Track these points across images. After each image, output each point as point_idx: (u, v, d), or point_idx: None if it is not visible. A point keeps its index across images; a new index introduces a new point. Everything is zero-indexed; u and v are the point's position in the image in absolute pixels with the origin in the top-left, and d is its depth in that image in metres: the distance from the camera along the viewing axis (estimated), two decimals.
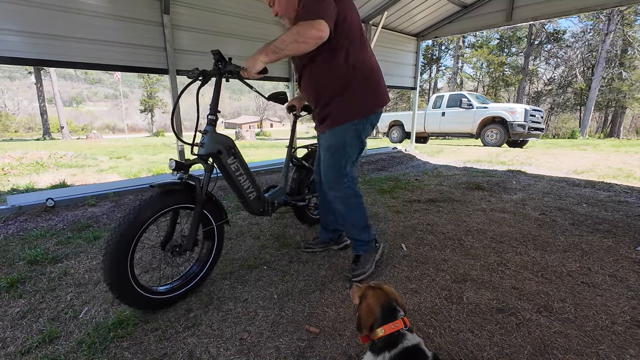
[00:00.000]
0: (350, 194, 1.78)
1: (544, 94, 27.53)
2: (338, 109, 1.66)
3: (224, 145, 1.65)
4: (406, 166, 5.92)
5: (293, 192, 2.36)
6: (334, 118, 1.68)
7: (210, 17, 3.77)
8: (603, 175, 4.66)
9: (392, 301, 1.03)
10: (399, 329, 0.95)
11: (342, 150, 1.71)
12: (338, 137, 1.70)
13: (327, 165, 1.77)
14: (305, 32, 1.38)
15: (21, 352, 1.27)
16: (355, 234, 1.87)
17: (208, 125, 1.59)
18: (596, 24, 20.35)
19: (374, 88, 1.70)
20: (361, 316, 1.02)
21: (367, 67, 1.65)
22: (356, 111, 1.66)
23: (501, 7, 5.69)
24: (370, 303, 1.02)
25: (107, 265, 1.34)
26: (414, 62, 7.09)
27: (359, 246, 1.89)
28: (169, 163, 1.52)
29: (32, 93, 36.94)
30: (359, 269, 1.82)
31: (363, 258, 1.87)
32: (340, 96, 1.64)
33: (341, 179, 1.75)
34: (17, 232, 2.45)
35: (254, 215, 1.99)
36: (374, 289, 1.06)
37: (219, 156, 1.63)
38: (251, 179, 1.85)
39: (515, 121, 8.68)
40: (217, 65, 1.55)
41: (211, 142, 1.59)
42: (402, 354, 0.91)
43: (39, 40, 2.83)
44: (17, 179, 5.16)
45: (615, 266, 1.94)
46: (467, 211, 3.05)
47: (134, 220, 1.37)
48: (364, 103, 1.67)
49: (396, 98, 34.62)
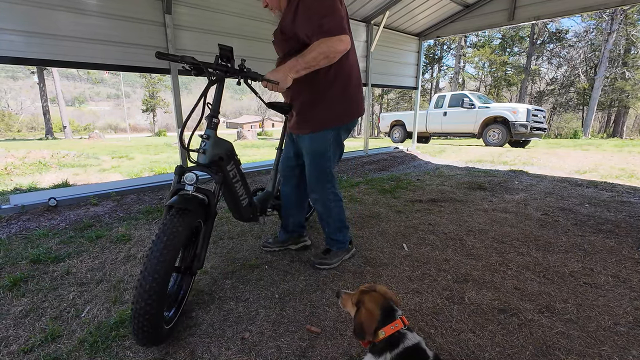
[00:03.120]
0: (331, 198, 1.89)
1: (546, 94, 27.43)
2: (318, 115, 1.73)
3: (225, 151, 1.52)
4: (408, 166, 5.91)
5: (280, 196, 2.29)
6: (314, 124, 1.75)
7: (212, 17, 3.78)
8: (606, 176, 4.64)
9: (389, 301, 1.02)
10: (399, 329, 0.95)
11: (324, 155, 1.79)
12: (319, 143, 1.77)
13: (310, 171, 1.86)
14: (337, 47, 1.50)
15: (24, 350, 1.28)
16: (331, 233, 1.98)
17: (210, 130, 1.43)
18: (599, 23, 20.27)
19: (353, 96, 1.77)
20: (363, 322, 0.99)
21: (347, 75, 1.73)
22: (335, 118, 1.75)
23: (503, 6, 5.67)
24: (370, 308, 1.00)
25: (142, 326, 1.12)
26: (416, 62, 7.09)
27: (333, 244, 2.00)
28: (188, 176, 1.32)
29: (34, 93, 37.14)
30: (326, 260, 1.94)
31: (333, 253, 1.98)
32: (321, 103, 1.71)
33: (325, 183, 1.85)
34: (20, 232, 2.46)
35: (242, 222, 1.92)
36: (369, 293, 1.04)
37: (220, 163, 1.49)
38: (245, 184, 1.75)
39: (518, 121, 8.66)
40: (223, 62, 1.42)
41: (214, 149, 1.44)
42: (403, 353, 0.91)
43: (41, 40, 2.85)
44: (20, 178, 5.19)
45: (618, 267, 1.93)
46: (468, 211, 3.04)
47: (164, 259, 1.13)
48: (343, 111, 1.76)
49: (398, 98, 34.60)
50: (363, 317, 1.00)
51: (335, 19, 1.51)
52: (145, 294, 1.11)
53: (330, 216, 1.92)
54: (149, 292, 1.11)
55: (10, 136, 32.47)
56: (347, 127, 1.82)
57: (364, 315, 1.00)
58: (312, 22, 1.51)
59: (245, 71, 1.45)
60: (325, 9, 1.51)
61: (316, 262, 1.94)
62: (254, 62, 3.63)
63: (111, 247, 2.23)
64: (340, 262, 1.98)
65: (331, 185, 1.87)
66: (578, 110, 26.66)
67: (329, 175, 1.85)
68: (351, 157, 5.98)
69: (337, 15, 1.52)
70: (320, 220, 2.01)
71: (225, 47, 1.39)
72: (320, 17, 1.50)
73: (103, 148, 11.46)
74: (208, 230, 1.44)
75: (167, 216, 1.23)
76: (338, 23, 1.52)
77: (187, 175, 1.33)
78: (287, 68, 1.49)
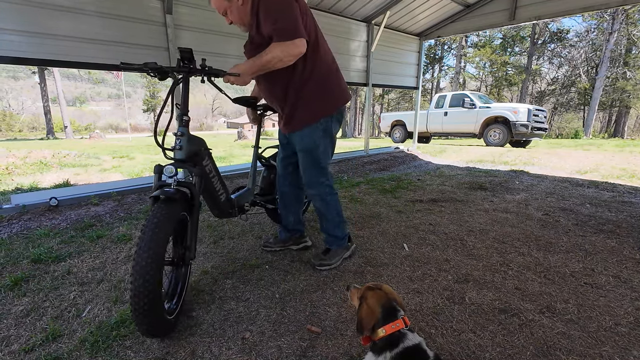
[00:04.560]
0: (328, 191, 1.91)
1: (547, 94, 27.38)
2: (301, 112, 1.75)
3: (200, 147, 1.58)
4: (408, 166, 5.90)
5: (264, 192, 2.33)
6: (299, 120, 1.77)
7: (212, 17, 3.77)
8: (607, 176, 4.63)
9: (392, 301, 1.02)
10: (399, 329, 0.95)
11: (315, 150, 1.81)
12: (308, 138, 1.78)
13: (305, 167, 1.87)
14: (291, 51, 1.52)
15: (25, 350, 1.28)
16: (330, 229, 1.98)
17: (183, 127, 1.48)
18: (600, 23, 20.21)
19: (333, 87, 1.79)
20: (362, 317, 1.01)
21: (323, 67, 1.74)
22: (321, 111, 1.76)
23: (504, 6, 5.66)
24: (371, 304, 1.02)
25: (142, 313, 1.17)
26: (417, 62, 7.08)
27: (332, 241, 1.99)
28: (167, 168, 1.39)
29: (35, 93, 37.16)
30: (326, 260, 1.93)
31: (333, 252, 1.98)
32: (301, 99, 1.73)
33: (320, 177, 1.87)
34: (21, 231, 2.47)
35: (220, 218, 1.94)
36: (374, 290, 1.06)
37: (196, 158, 1.56)
38: (221, 180, 1.80)
39: (518, 121, 8.64)
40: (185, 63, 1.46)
41: (189, 144, 1.49)
42: (403, 353, 0.91)
43: (42, 40, 2.85)
44: (21, 178, 5.20)
45: (619, 267, 1.93)
46: (469, 211, 3.04)
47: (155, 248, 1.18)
48: (327, 102, 1.77)
49: (398, 98, 34.57)
50: (364, 313, 1.01)
51: (288, 20, 1.50)
52: (140, 278, 1.14)
53: (328, 210, 1.93)
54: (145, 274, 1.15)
55: (12, 136, 32.54)
56: (337, 118, 1.82)
57: (365, 311, 1.01)
58: (268, 23, 1.53)
59: (207, 69, 1.48)
60: (277, 10, 1.51)
61: (316, 264, 1.93)
62: None
63: (112, 247, 2.24)
64: (341, 260, 1.98)
65: (326, 179, 1.89)
66: (579, 110, 26.60)
67: (323, 169, 1.87)
68: (352, 157, 5.98)
69: (290, 16, 1.50)
70: (319, 217, 2.01)
71: (185, 50, 1.44)
72: (273, 19, 1.52)
73: (104, 148, 11.48)
74: (194, 222, 1.48)
75: (153, 207, 1.28)
76: (292, 24, 1.50)
77: (166, 168, 1.39)
78: (246, 67, 1.53)
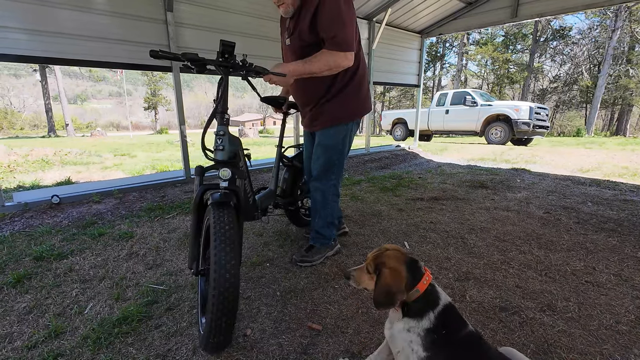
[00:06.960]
0: (333, 191, 1.95)
1: (549, 92, 27.25)
2: (332, 111, 1.80)
3: (239, 147, 1.50)
4: (409, 164, 5.90)
5: (285, 194, 2.25)
6: (327, 119, 1.82)
7: (213, 15, 3.77)
8: (609, 174, 4.61)
9: (407, 255, 0.91)
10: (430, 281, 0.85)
11: (334, 149, 1.86)
12: (332, 137, 1.84)
13: (319, 161, 1.90)
14: (341, 63, 1.61)
15: (27, 346, 1.29)
16: (319, 227, 1.99)
17: (224, 126, 1.40)
18: (603, 20, 20.08)
19: (364, 95, 1.88)
20: (390, 284, 0.86)
21: (361, 75, 1.82)
22: (348, 114, 1.83)
23: (506, 3, 5.63)
24: (394, 265, 0.88)
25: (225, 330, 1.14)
26: (418, 60, 7.05)
27: (317, 238, 2.01)
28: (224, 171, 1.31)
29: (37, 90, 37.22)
30: (308, 257, 1.95)
31: (316, 249, 1.99)
32: (335, 99, 1.78)
33: (330, 174, 1.91)
34: (23, 229, 2.48)
35: (245, 221, 1.84)
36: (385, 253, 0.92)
37: (234, 160, 1.45)
38: (250, 182, 1.72)
39: (520, 119, 8.61)
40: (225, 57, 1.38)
41: (231, 145, 1.41)
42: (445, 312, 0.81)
43: (44, 38, 2.85)
44: (23, 176, 5.21)
45: (620, 265, 1.92)
46: (470, 209, 3.03)
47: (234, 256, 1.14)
48: (355, 108, 1.84)
49: (400, 96, 34.47)
50: (389, 278, 0.87)
51: (347, 34, 1.58)
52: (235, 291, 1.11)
53: (325, 208, 1.95)
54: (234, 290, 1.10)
55: (13, 134, 32.57)
56: (357, 123, 1.91)
57: (389, 276, 0.87)
58: (330, 29, 1.56)
59: (248, 66, 1.43)
60: (341, 20, 1.56)
61: (298, 260, 1.95)
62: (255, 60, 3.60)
63: (114, 245, 2.25)
64: (323, 259, 2.00)
65: (335, 178, 1.93)
66: (581, 108, 26.47)
67: (336, 168, 1.90)
68: (353, 154, 5.97)
69: (349, 30, 1.58)
70: (312, 212, 2.02)
71: (227, 43, 1.35)
72: (337, 27, 1.56)
73: (105, 146, 11.49)
74: (241, 228, 1.43)
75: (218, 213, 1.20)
76: (349, 38, 1.59)
77: (222, 170, 1.31)
78: (293, 68, 1.57)
